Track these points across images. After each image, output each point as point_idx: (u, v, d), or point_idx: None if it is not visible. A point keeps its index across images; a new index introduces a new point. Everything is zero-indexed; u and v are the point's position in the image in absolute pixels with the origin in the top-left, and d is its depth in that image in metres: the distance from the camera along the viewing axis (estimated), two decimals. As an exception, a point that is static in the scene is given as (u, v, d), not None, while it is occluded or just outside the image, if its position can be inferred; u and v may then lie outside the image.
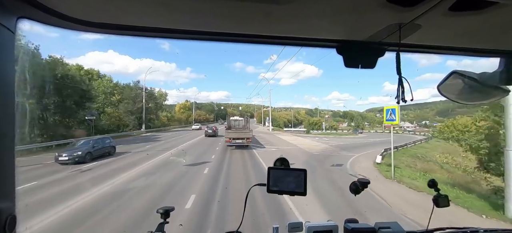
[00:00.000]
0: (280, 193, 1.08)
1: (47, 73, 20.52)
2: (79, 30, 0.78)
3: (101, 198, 7.17)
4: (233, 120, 23.77)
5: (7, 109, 0.61)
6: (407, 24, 0.72)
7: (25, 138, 10.63)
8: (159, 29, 0.80)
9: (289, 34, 0.88)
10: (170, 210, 1.29)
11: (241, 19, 0.75)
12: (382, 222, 1.24)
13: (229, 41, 0.90)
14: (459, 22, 0.72)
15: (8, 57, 0.62)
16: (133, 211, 6.06)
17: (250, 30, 0.84)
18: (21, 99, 0.72)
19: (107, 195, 7.37)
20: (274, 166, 1.12)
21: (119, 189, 8.08)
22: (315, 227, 1.24)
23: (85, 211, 6.15)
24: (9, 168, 0.62)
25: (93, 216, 5.78)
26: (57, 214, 5.86)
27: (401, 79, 0.78)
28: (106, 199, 7.06)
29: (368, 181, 1.22)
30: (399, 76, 0.78)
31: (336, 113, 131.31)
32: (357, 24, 0.77)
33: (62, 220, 5.63)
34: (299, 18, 0.73)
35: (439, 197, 1.24)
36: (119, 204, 6.63)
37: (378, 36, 0.83)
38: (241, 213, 1.24)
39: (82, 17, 0.72)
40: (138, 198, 7.13)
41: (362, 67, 0.92)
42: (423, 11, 0.64)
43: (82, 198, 7.02)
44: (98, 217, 5.76)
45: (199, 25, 0.80)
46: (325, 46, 0.94)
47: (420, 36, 0.83)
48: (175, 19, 0.75)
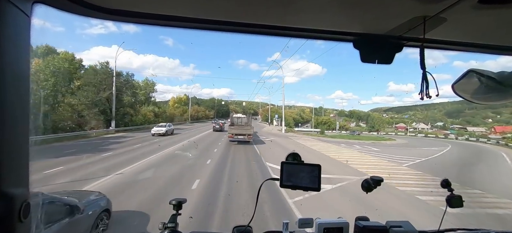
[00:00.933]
0: (294, 188, 1.04)
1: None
2: (96, 17, 0.77)
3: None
4: (236, 117, 23.21)
5: (23, 96, 0.61)
6: (432, 17, 0.68)
7: None
8: (171, 17, 0.79)
9: (305, 26, 0.85)
10: (182, 201, 1.28)
11: (256, 8, 0.73)
12: (394, 221, 1.20)
13: (243, 32, 0.85)
14: (488, 16, 0.68)
15: (23, 42, 0.61)
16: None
17: (263, 20, 0.82)
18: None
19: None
20: (287, 161, 1.07)
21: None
22: (325, 224, 1.21)
23: None
24: (22, 156, 0.62)
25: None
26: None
27: (425, 74, 0.76)
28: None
29: (381, 179, 1.18)
30: (423, 71, 0.76)
31: (341, 112, 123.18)
32: (377, 17, 0.74)
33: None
34: (316, 9, 0.71)
35: (453, 198, 1.19)
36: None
37: (400, 30, 0.80)
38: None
39: (98, 3, 0.72)
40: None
41: (379, 62, 0.89)
42: (451, 3, 0.61)
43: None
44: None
45: (214, 14, 0.78)
46: (341, 39, 0.91)
47: (444, 31, 0.79)
48: (189, 6, 0.74)
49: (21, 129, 0.61)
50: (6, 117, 0.56)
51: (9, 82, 0.57)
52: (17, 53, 0.59)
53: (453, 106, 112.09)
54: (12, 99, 0.57)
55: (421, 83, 0.76)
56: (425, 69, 0.76)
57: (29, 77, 0.62)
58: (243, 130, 19.74)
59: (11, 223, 0.57)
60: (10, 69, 0.56)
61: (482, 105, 1.24)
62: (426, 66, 0.76)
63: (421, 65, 0.76)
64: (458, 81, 0.97)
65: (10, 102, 0.57)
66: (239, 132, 19.38)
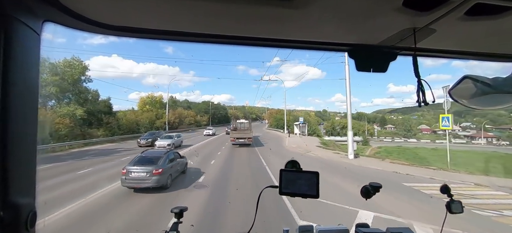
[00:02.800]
0: (293, 195, 1.04)
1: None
2: (102, 34, 0.80)
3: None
4: (239, 122, 25.35)
5: (31, 110, 0.63)
6: (421, 29, 0.71)
7: None
8: (176, 32, 0.82)
9: (301, 38, 0.87)
10: (184, 210, 1.28)
11: (253, 22, 0.75)
12: (394, 228, 1.19)
13: (242, 44, 0.89)
14: (474, 26, 0.71)
15: (33, 59, 0.64)
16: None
17: (261, 34, 0.84)
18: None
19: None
20: (286, 168, 1.08)
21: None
22: (325, 231, 1.22)
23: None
24: (30, 166, 0.64)
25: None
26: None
27: (420, 82, 0.77)
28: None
29: (380, 185, 1.19)
30: (418, 79, 0.77)
31: (345, 115, 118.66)
32: (370, 29, 0.77)
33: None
34: (311, 22, 0.73)
35: (452, 203, 1.20)
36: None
37: (391, 40, 0.82)
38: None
39: (105, 20, 0.75)
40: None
41: (374, 71, 0.90)
42: (438, 16, 0.64)
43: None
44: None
45: (216, 29, 0.80)
46: (337, 50, 0.94)
47: (434, 41, 0.82)
48: (193, 22, 0.76)
49: (30, 140, 0.64)
50: (16, 129, 0.59)
51: (20, 96, 0.60)
52: (28, 69, 0.62)
53: (455, 106, 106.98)
54: (22, 111, 0.61)
55: (417, 91, 0.78)
56: (419, 77, 0.78)
57: (38, 91, 0.65)
58: (244, 134, 22.27)
59: (18, 232, 0.59)
60: (21, 84, 0.60)
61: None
62: (420, 73, 0.78)
63: (415, 73, 0.78)
64: (455, 87, 0.99)
65: (21, 114, 0.60)
66: (241, 136, 22.01)
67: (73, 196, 7.25)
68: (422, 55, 0.98)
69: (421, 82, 0.77)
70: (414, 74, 0.78)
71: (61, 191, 7.97)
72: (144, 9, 0.69)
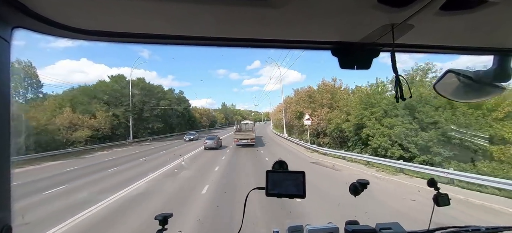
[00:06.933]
0: (279, 197, 1.02)
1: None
2: (74, 38, 0.78)
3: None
4: (243, 123, 26.77)
5: (3, 120, 0.60)
6: (400, 25, 0.72)
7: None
8: (153, 35, 0.80)
9: (284, 38, 0.87)
10: (168, 216, 1.19)
11: (235, 23, 0.74)
12: (383, 223, 1.19)
13: (223, 46, 0.88)
14: (451, 21, 0.72)
15: (3, 67, 0.61)
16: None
17: (244, 34, 0.83)
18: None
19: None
20: (272, 169, 1.07)
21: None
22: (315, 230, 1.22)
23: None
24: (4, 179, 0.61)
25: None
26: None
27: (398, 78, 0.78)
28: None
29: (367, 182, 1.21)
30: (396, 75, 0.78)
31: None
32: (350, 26, 0.77)
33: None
34: (293, 21, 0.73)
35: (439, 196, 1.21)
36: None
37: (372, 37, 0.83)
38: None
39: (78, 25, 0.72)
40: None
41: (357, 68, 0.91)
42: (414, 11, 0.64)
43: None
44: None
45: (194, 30, 0.79)
46: (320, 48, 0.93)
47: (413, 36, 0.83)
48: (170, 24, 0.75)
49: (2, 152, 0.61)
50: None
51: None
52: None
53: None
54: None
55: (395, 87, 0.79)
56: (397, 73, 0.78)
57: (10, 101, 0.62)
58: (247, 135, 23.71)
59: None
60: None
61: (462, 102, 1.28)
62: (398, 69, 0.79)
63: (393, 69, 0.78)
64: (438, 81, 1.01)
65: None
66: (244, 136, 23.52)
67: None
68: (401, 51, 0.98)
69: (399, 78, 0.78)
70: (392, 70, 0.79)
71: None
72: (117, 12, 0.66)
